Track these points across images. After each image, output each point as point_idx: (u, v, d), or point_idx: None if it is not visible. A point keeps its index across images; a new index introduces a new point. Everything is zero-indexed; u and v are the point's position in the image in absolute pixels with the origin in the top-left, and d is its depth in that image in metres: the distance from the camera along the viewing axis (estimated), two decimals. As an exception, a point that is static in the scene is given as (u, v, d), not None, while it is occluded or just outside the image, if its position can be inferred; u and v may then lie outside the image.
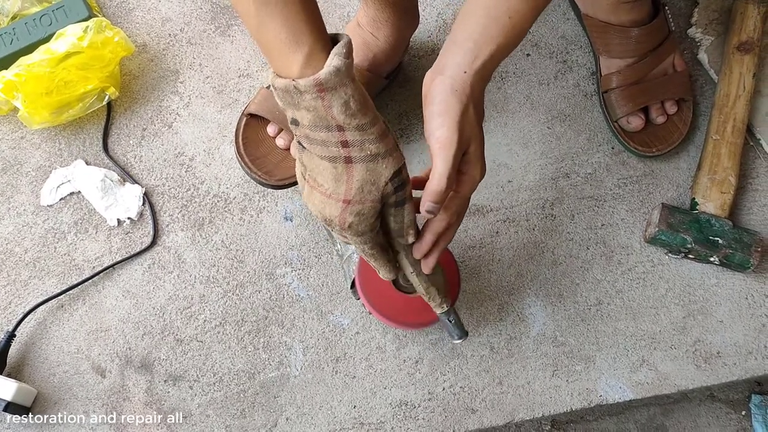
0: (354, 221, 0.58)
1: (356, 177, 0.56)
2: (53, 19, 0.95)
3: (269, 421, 0.85)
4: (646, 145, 0.94)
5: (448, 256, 0.84)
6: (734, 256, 0.87)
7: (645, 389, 0.87)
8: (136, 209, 0.92)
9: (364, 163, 0.56)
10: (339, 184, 0.56)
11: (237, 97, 0.99)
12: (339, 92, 0.52)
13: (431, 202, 0.58)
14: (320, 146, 0.55)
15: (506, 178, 0.95)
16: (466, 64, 0.58)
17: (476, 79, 0.58)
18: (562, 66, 1.01)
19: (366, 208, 0.57)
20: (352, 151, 0.55)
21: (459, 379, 0.87)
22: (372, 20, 0.85)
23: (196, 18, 1.03)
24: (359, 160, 0.56)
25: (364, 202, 0.57)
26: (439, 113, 0.58)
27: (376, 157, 0.56)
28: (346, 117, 0.53)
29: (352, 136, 0.54)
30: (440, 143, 0.57)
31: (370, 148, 0.55)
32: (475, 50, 0.58)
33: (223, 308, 0.89)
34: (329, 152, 0.55)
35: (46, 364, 0.87)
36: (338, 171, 0.56)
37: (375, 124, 0.55)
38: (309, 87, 0.51)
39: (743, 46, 0.96)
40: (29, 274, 0.90)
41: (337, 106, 0.52)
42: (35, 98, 0.90)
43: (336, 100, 0.52)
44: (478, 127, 0.60)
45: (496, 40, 0.58)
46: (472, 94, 0.58)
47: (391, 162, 0.57)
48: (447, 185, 0.57)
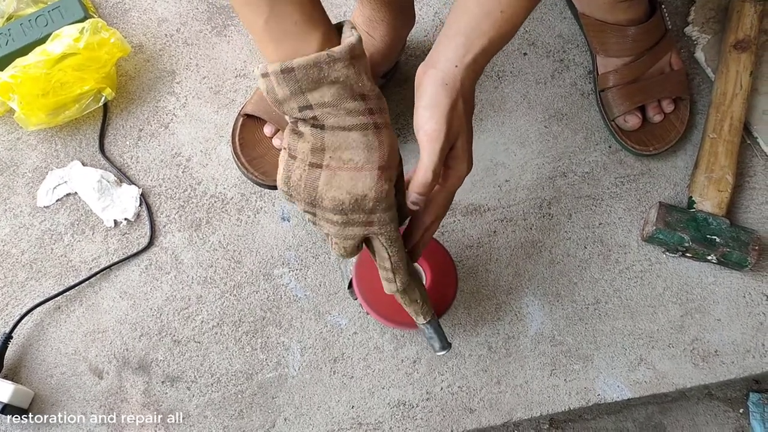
0: (389, 188, 0.58)
1: (386, 142, 0.57)
2: (49, 20, 0.95)
3: (267, 421, 0.85)
4: (644, 144, 0.94)
5: (445, 255, 0.84)
6: (732, 254, 0.87)
7: (643, 388, 0.87)
8: (133, 210, 0.91)
9: (387, 129, 0.57)
10: (371, 153, 0.56)
11: (234, 97, 0.98)
12: (364, 60, 0.54)
13: (417, 194, 0.59)
14: (349, 116, 0.55)
15: (503, 178, 0.95)
16: (457, 58, 0.59)
17: (467, 74, 0.59)
18: (559, 65, 1.01)
19: (394, 174, 0.58)
20: (377, 117, 0.56)
21: (457, 379, 0.87)
22: (368, 19, 0.85)
23: (193, 18, 1.03)
24: (383, 125, 0.57)
25: (393, 168, 0.58)
26: (428, 107, 0.58)
27: (389, 125, 0.58)
28: (371, 84, 0.55)
29: (374, 104, 0.56)
30: (428, 136, 0.58)
31: (386, 116, 0.57)
32: (467, 44, 0.59)
33: (221, 309, 0.89)
34: (359, 120, 0.55)
35: (44, 366, 0.87)
36: (369, 138, 0.56)
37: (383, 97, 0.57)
38: (344, 53, 0.52)
39: (740, 45, 0.96)
40: (26, 275, 0.90)
41: (364, 73, 0.54)
42: (31, 99, 0.90)
43: (362, 67, 0.54)
44: (467, 121, 0.60)
45: (487, 35, 0.59)
46: (462, 89, 0.58)
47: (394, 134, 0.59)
48: (433, 178, 0.58)
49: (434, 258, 0.82)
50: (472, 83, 0.60)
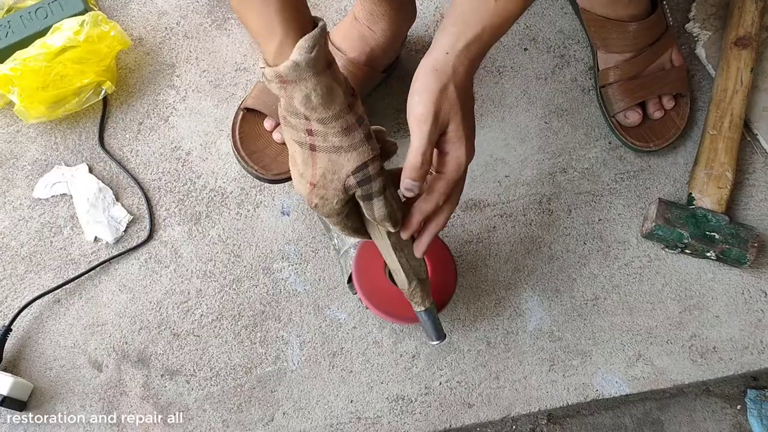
0: (319, 203, 0.60)
1: (319, 164, 0.59)
2: (49, 13, 0.95)
3: (266, 415, 0.85)
4: (644, 140, 0.94)
5: (445, 251, 0.84)
6: (731, 251, 0.87)
7: (641, 384, 0.87)
8: (115, 234, 0.91)
9: (327, 153, 0.58)
10: (307, 167, 0.60)
11: (234, 91, 0.98)
12: (299, 86, 0.55)
13: (408, 179, 0.59)
14: (292, 130, 0.58)
15: (503, 173, 0.95)
16: (448, 45, 0.59)
17: (459, 60, 0.59)
18: (559, 61, 1.00)
19: (329, 194, 0.60)
20: (316, 140, 0.58)
21: (455, 374, 0.87)
22: (369, 14, 0.85)
23: (193, 11, 1.03)
24: (322, 149, 0.58)
25: (327, 188, 0.60)
26: (418, 91, 0.59)
27: (338, 150, 0.58)
28: (307, 110, 0.56)
29: (315, 126, 0.57)
30: (416, 120, 0.58)
31: (333, 140, 0.58)
32: (459, 32, 0.59)
33: (220, 303, 0.89)
34: (298, 137, 0.58)
35: (43, 359, 0.87)
36: (305, 155, 0.59)
37: (339, 118, 0.57)
38: (272, 77, 0.55)
39: (741, 41, 0.96)
40: (25, 268, 0.90)
41: (298, 98, 0.55)
42: (31, 92, 0.90)
43: (297, 92, 0.55)
44: (462, 108, 0.60)
45: (481, 23, 0.59)
46: (454, 75, 0.59)
47: (354, 156, 0.58)
48: (422, 161, 0.58)
49: (434, 253, 0.82)
50: (466, 71, 0.60)
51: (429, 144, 0.58)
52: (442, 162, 0.62)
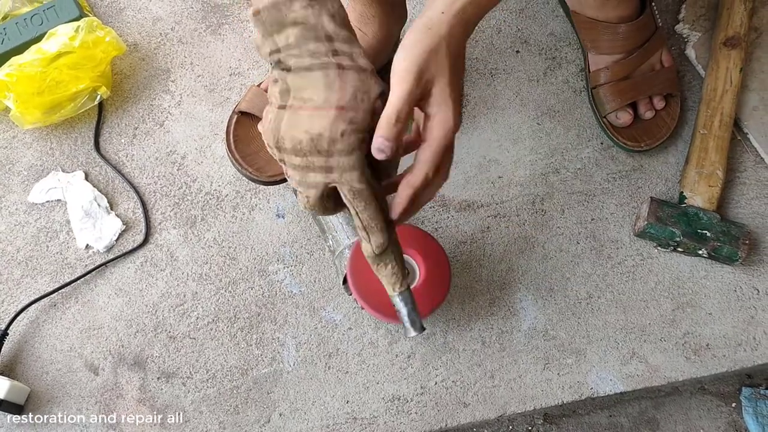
0: (347, 129, 0.54)
1: (349, 83, 0.55)
2: (44, 19, 0.96)
3: (262, 416, 0.85)
4: (635, 140, 0.95)
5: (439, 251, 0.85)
6: (722, 248, 0.88)
7: (635, 381, 0.87)
8: (107, 243, 0.91)
9: (356, 72, 0.55)
10: (331, 92, 0.54)
11: (228, 95, 0.99)
12: (327, 3, 0.54)
13: (381, 138, 0.54)
14: (310, 57, 0.55)
15: (496, 174, 0.96)
16: (444, 5, 0.56)
17: (455, 21, 0.56)
18: (551, 62, 1.01)
19: (359, 118, 0.55)
20: (343, 59, 0.55)
21: (451, 374, 0.87)
22: (360, 16, 0.86)
23: (187, 17, 1.04)
24: (351, 68, 0.55)
25: (357, 110, 0.55)
26: (404, 47, 0.55)
27: (365, 71, 0.55)
28: (335, 26, 0.54)
29: (341, 47, 0.55)
30: (397, 77, 0.55)
31: (359, 60, 0.55)
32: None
33: (216, 305, 0.90)
34: (320, 60, 0.55)
35: (39, 362, 0.87)
36: (330, 78, 0.55)
37: (359, 44, 0.56)
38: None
39: (730, 42, 0.97)
40: (21, 272, 0.91)
41: (326, 15, 0.54)
42: (27, 98, 0.91)
43: (325, 9, 0.54)
44: (450, 70, 0.56)
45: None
46: (449, 36, 0.56)
47: (377, 81, 0.56)
48: (396, 117, 0.54)
49: (428, 253, 0.83)
50: (460, 33, 0.57)
51: (406, 101, 0.54)
52: (428, 127, 0.56)
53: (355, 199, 0.57)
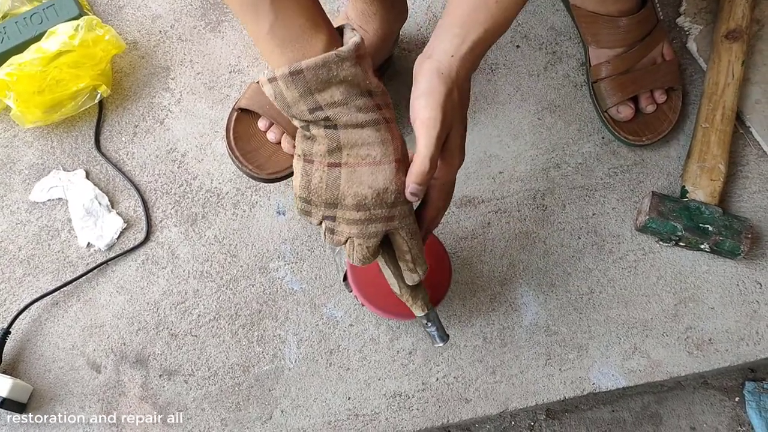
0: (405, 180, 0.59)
1: (397, 135, 0.58)
2: (44, 18, 0.96)
3: (264, 413, 0.86)
4: (636, 135, 0.94)
5: (439, 247, 0.85)
6: (724, 243, 0.88)
7: (637, 376, 0.87)
8: (108, 241, 0.91)
9: (395, 122, 0.59)
10: (386, 146, 0.58)
11: (228, 92, 0.99)
12: (368, 59, 0.56)
13: (415, 184, 0.58)
14: (360, 113, 0.56)
15: (497, 169, 0.95)
16: (453, 48, 0.58)
17: (462, 64, 0.58)
18: (551, 57, 1.01)
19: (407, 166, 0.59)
20: (386, 112, 0.58)
21: (452, 369, 0.87)
22: (361, 13, 0.86)
23: (186, 14, 1.04)
24: (392, 119, 0.59)
25: (407, 160, 0.59)
26: (423, 95, 0.58)
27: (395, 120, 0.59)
28: (377, 81, 0.57)
29: (380, 100, 0.57)
30: (424, 124, 0.57)
31: (392, 111, 0.59)
32: (462, 35, 0.59)
33: (217, 302, 0.90)
34: (369, 117, 0.57)
35: (42, 361, 0.87)
36: (382, 133, 0.57)
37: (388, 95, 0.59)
38: (351, 53, 0.54)
39: (732, 34, 0.96)
40: (23, 271, 0.91)
41: (370, 71, 0.56)
42: (27, 97, 0.91)
43: (368, 65, 0.56)
44: (461, 113, 0.60)
45: (483, 25, 0.59)
46: (458, 78, 0.58)
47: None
48: (430, 167, 0.57)
49: (428, 249, 0.83)
50: (467, 73, 0.60)
51: (437, 149, 0.57)
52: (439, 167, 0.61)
53: (412, 239, 0.63)
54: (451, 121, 0.59)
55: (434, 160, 0.57)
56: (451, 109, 0.58)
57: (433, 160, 0.57)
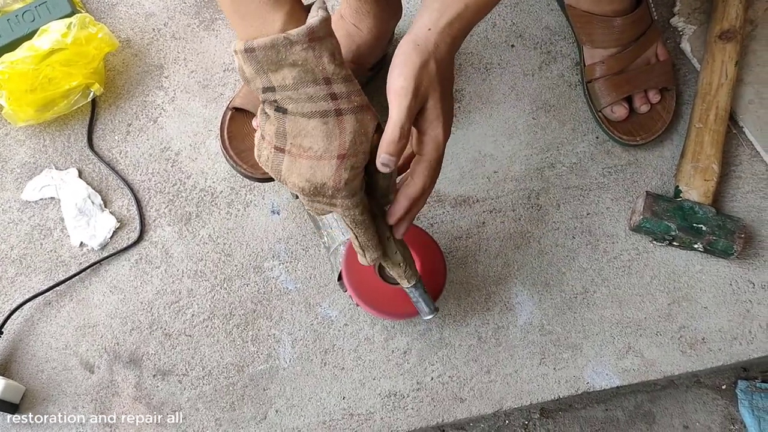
0: (349, 177, 0.57)
1: (348, 129, 0.56)
2: (36, 16, 0.95)
3: (259, 413, 0.85)
4: (630, 134, 0.94)
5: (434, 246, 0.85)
6: (718, 242, 0.88)
7: (631, 376, 0.88)
8: (101, 240, 0.91)
9: (354, 114, 0.56)
10: (331, 141, 0.56)
11: (222, 91, 0.99)
12: (327, 42, 0.53)
13: (386, 154, 0.56)
14: (308, 103, 0.55)
15: (492, 169, 0.95)
16: (430, 22, 0.58)
17: (441, 37, 0.58)
18: (546, 57, 1.01)
19: (359, 161, 0.57)
20: (341, 103, 0.55)
21: (447, 369, 0.87)
22: (355, 11, 0.86)
23: (180, 12, 1.03)
24: (349, 111, 0.55)
25: (357, 155, 0.57)
26: (397, 65, 0.57)
27: (361, 109, 0.56)
28: (335, 66, 0.54)
29: (339, 88, 0.55)
30: (395, 93, 0.56)
31: (356, 99, 0.56)
32: (441, 9, 0.58)
33: (211, 302, 0.89)
34: (318, 107, 0.55)
35: (34, 361, 0.87)
36: (329, 126, 0.55)
37: (352, 76, 0.56)
38: (301, 36, 0.51)
39: (725, 35, 0.96)
40: (15, 271, 0.90)
41: (326, 56, 0.53)
42: (19, 95, 0.90)
43: (325, 49, 0.53)
44: (441, 85, 0.58)
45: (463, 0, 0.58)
46: (436, 51, 0.57)
47: (372, 115, 0.57)
48: (400, 135, 0.56)
49: (423, 249, 0.83)
50: (448, 48, 0.59)
51: (408, 118, 0.56)
52: (421, 141, 0.60)
53: (356, 228, 0.62)
54: (426, 91, 0.58)
55: (404, 129, 0.56)
56: (427, 80, 0.57)
57: (402, 129, 0.56)
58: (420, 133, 0.60)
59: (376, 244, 0.65)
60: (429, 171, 0.60)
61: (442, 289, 0.83)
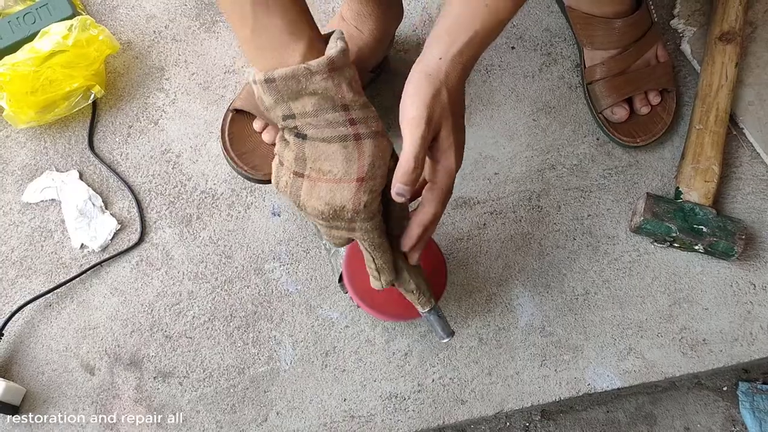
0: (368, 200, 0.58)
1: (367, 153, 0.57)
2: (37, 18, 0.95)
3: (260, 415, 0.85)
4: (631, 136, 0.95)
5: (435, 248, 0.85)
6: (719, 244, 0.88)
7: (632, 377, 0.88)
8: (101, 242, 0.90)
9: (372, 138, 0.57)
10: (351, 164, 0.57)
11: (223, 93, 0.99)
12: (345, 72, 0.54)
13: (401, 184, 0.58)
14: (328, 128, 0.56)
15: (492, 171, 0.95)
16: (441, 52, 0.59)
17: (452, 66, 0.59)
18: (546, 58, 1.01)
19: (377, 184, 0.58)
20: (360, 128, 0.57)
21: (448, 371, 0.87)
22: (356, 14, 0.86)
23: (181, 14, 1.03)
24: (367, 136, 0.57)
25: (375, 178, 0.58)
26: (410, 95, 0.58)
27: (378, 134, 0.58)
28: (353, 94, 0.55)
29: (356, 114, 0.56)
30: (409, 124, 0.57)
31: (373, 125, 0.57)
32: (451, 38, 0.59)
33: (212, 304, 0.89)
34: (338, 132, 0.56)
35: (35, 363, 0.87)
36: (349, 150, 0.57)
37: (373, 107, 0.58)
38: (322, 67, 0.53)
39: (725, 36, 0.96)
40: (16, 272, 0.90)
41: (345, 84, 0.55)
42: (20, 97, 0.90)
43: (344, 79, 0.54)
44: (453, 114, 0.59)
45: (473, 28, 0.59)
46: (447, 80, 0.58)
47: (388, 140, 0.59)
48: (414, 165, 0.57)
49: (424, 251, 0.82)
50: (458, 76, 0.60)
51: (422, 147, 0.57)
52: (434, 170, 0.61)
53: (374, 251, 0.64)
54: (439, 121, 0.59)
55: (419, 159, 0.57)
56: (440, 109, 0.58)
57: (417, 159, 0.57)
58: (433, 162, 0.61)
59: (391, 267, 0.66)
60: (441, 198, 0.62)
61: (443, 290, 0.83)
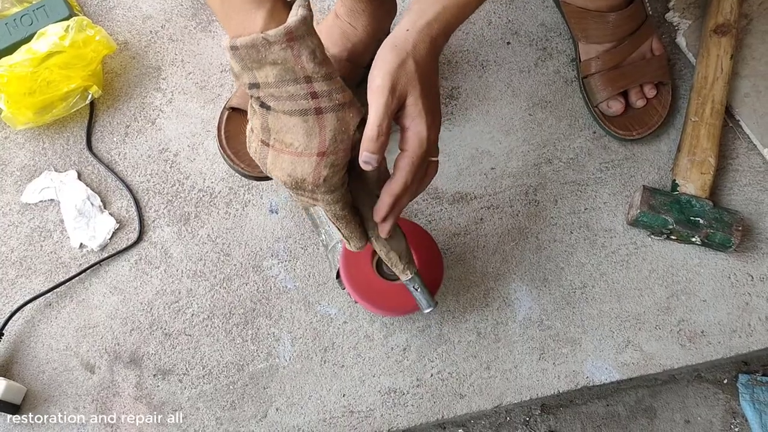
0: (329, 174, 0.58)
1: (328, 127, 0.57)
2: (34, 19, 0.96)
3: (259, 411, 0.86)
4: (627, 129, 0.95)
5: (432, 243, 0.85)
6: (715, 235, 0.88)
7: (631, 370, 0.88)
8: (100, 241, 0.91)
9: (334, 112, 0.57)
10: (311, 138, 0.57)
11: (219, 92, 0.99)
12: (306, 41, 0.53)
13: (365, 152, 0.58)
14: (289, 101, 0.56)
15: (489, 165, 0.96)
16: (409, 23, 0.60)
17: (419, 37, 0.59)
18: (542, 53, 1.01)
19: (339, 158, 0.58)
20: (322, 101, 0.56)
21: (447, 365, 0.87)
22: (349, 10, 0.86)
23: (177, 14, 1.04)
24: (329, 109, 0.56)
25: (337, 152, 0.58)
26: (376, 66, 0.59)
27: (343, 107, 0.57)
28: (315, 65, 0.54)
29: (319, 87, 0.55)
30: (373, 92, 0.58)
31: (337, 97, 0.56)
32: (419, 11, 0.60)
33: (211, 301, 0.90)
34: (298, 105, 0.56)
35: (35, 362, 0.87)
36: (309, 124, 0.56)
37: (336, 73, 0.57)
38: (279, 36, 0.52)
39: (720, 29, 0.97)
40: (16, 272, 0.91)
41: (305, 55, 0.54)
42: (18, 98, 0.91)
43: (304, 48, 0.53)
44: (421, 83, 0.59)
45: (441, 2, 0.59)
46: (414, 51, 0.59)
47: (355, 111, 0.58)
48: (378, 132, 0.57)
49: (420, 246, 0.83)
50: (427, 48, 0.60)
51: (385, 115, 0.57)
52: (404, 138, 0.61)
53: (337, 222, 0.65)
54: (405, 89, 0.59)
55: (382, 127, 0.57)
56: (405, 78, 0.58)
57: (380, 127, 0.57)
58: (403, 130, 0.61)
59: (359, 235, 0.66)
60: (411, 167, 0.61)
61: (440, 285, 0.83)
